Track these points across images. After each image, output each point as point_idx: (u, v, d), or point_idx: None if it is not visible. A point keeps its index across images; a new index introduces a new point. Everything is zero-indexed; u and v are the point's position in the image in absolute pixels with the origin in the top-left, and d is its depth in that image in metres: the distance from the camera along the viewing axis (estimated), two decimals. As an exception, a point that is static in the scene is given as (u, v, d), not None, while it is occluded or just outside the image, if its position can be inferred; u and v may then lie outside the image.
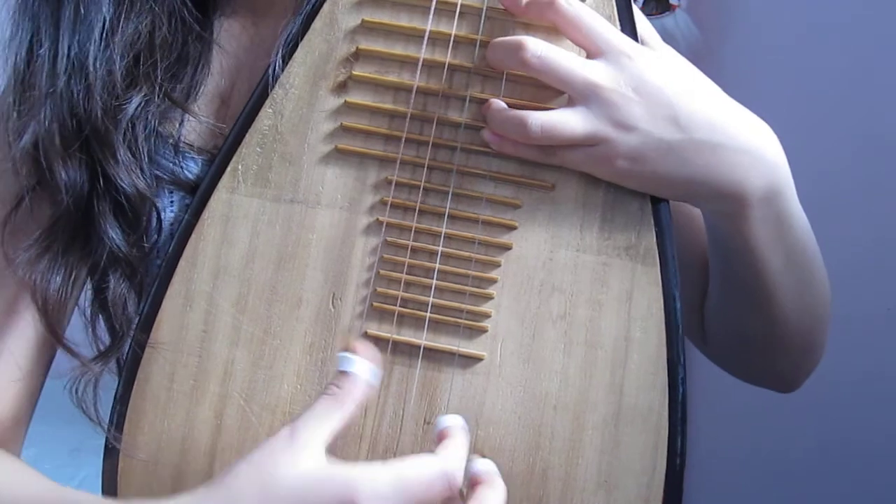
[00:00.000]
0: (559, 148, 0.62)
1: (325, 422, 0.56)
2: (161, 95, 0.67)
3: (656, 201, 0.65)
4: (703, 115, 0.62)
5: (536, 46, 0.61)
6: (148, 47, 0.67)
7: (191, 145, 0.70)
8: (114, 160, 0.65)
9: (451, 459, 0.57)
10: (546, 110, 0.62)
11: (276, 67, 0.65)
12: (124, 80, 0.66)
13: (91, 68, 0.65)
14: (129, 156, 0.66)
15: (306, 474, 0.54)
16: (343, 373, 0.58)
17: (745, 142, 0.63)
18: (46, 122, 0.64)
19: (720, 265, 0.73)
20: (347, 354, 0.58)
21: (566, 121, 0.61)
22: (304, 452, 0.55)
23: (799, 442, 1.37)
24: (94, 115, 0.65)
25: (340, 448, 0.64)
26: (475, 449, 0.64)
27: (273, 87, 0.65)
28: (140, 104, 0.67)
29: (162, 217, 0.68)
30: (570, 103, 0.62)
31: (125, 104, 0.66)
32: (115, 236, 0.65)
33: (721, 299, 0.75)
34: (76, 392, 0.65)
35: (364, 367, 0.58)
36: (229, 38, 0.72)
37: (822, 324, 0.74)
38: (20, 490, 0.62)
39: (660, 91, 0.61)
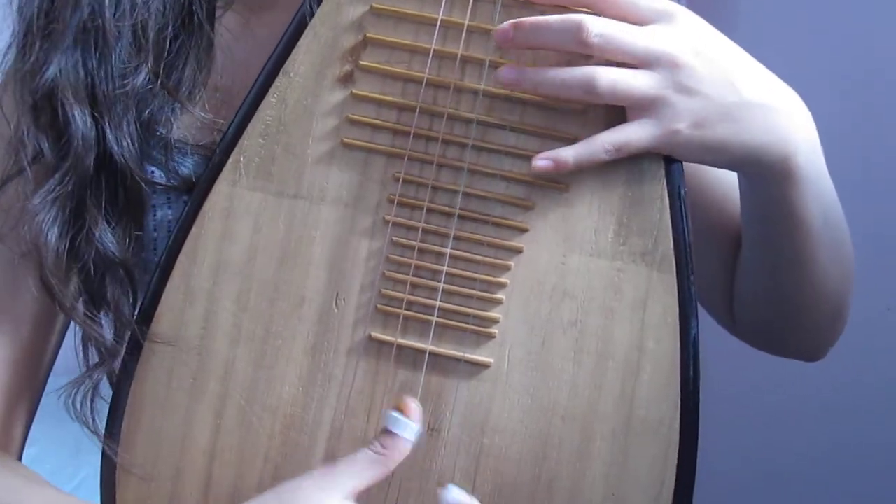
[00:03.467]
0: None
1: (362, 476, 0.58)
2: (160, 85, 0.64)
3: (674, 204, 0.62)
4: (752, 78, 0.61)
5: (595, 25, 0.58)
6: (154, 31, 0.64)
7: (186, 142, 0.67)
8: (118, 130, 0.63)
9: None
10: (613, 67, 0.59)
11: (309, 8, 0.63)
12: (133, 50, 0.64)
13: (109, 27, 0.63)
14: (129, 132, 0.64)
15: None
16: (390, 433, 0.59)
17: (786, 103, 0.63)
18: (70, 57, 0.62)
19: (762, 232, 0.70)
20: (397, 415, 0.59)
21: (635, 80, 0.59)
22: (331, 495, 0.57)
23: (805, 450, 1.37)
24: (108, 77, 0.63)
25: (343, 452, 0.63)
26: (480, 459, 0.62)
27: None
28: (145, 80, 0.64)
29: (157, 214, 0.66)
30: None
31: (134, 76, 0.64)
32: (108, 238, 0.63)
33: (758, 269, 0.73)
34: (74, 403, 0.63)
35: (412, 431, 0.59)
36: (229, 34, 0.68)
37: (850, 284, 0.74)
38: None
39: (716, 53, 0.60)
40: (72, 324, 0.68)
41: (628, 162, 0.62)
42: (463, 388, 0.62)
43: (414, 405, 0.60)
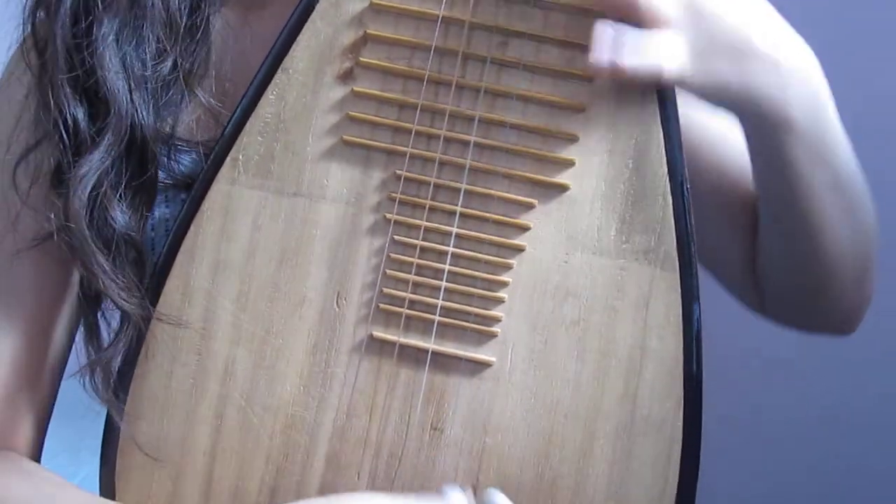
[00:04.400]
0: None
1: None
2: (180, 74, 0.64)
3: (677, 202, 0.62)
4: (767, 29, 0.61)
5: None
6: (185, 17, 0.65)
7: (184, 139, 0.66)
8: (146, 109, 0.64)
9: None
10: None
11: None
12: (164, 35, 0.64)
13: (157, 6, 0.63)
14: (156, 112, 0.64)
15: None
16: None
17: (791, 51, 0.62)
18: (116, 31, 0.63)
19: (768, 191, 0.70)
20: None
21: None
22: None
23: (807, 450, 1.37)
24: (144, 59, 0.64)
25: (344, 452, 0.62)
26: (483, 458, 0.62)
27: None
28: (171, 68, 0.64)
29: (154, 213, 0.66)
30: None
31: (163, 61, 0.64)
32: (120, 215, 0.63)
33: (773, 235, 0.73)
34: (92, 382, 0.62)
35: None
36: (228, 31, 0.67)
37: (872, 251, 0.73)
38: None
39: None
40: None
41: (630, 159, 0.61)
42: (465, 387, 0.62)
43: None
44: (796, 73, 0.62)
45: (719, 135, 0.76)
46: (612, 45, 0.57)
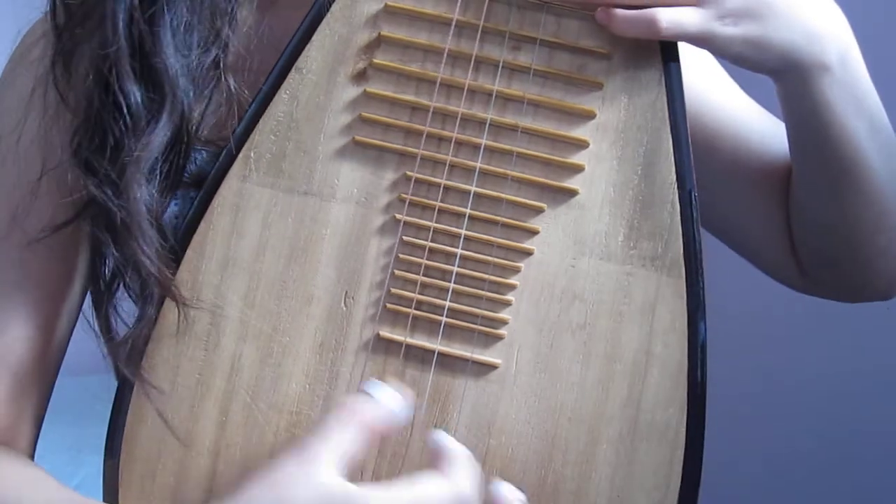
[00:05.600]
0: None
1: (332, 439, 0.55)
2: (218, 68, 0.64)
3: (685, 209, 0.62)
4: None
5: None
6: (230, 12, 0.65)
7: (198, 137, 0.67)
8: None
9: (466, 487, 0.56)
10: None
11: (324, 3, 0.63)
12: (210, 26, 0.65)
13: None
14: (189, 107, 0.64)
15: (323, 489, 0.54)
16: (363, 393, 0.58)
17: (820, 3, 0.66)
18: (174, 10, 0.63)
19: (807, 147, 0.71)
20: (374, 380, 0.58)
21: None
22: (316, 467, 0.55)
23: (810, 454, 1.37)
24: (188, 42, 0.64)
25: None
26: (486, 460, 0.62)
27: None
28: (213, 61, 0.64)
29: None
30: None
31: (206, 54, 0.64)
32: (146, 196, 0.63)
33: (813, 195, 0.73)
34: (120, 363, 0.62)
35: (385, 393, 0.57)
36: (241, 28, 0.68)
37: None
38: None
39: None
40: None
41: (640, 166, 0.62)
42: (470, 389, 0.62)
43: (397, 383, 0.60)
44: (829, 24, 0.65)
45: (737, 114, 0.77)
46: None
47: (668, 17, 0.61)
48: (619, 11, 0.61)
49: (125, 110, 0.62)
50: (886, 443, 1.33)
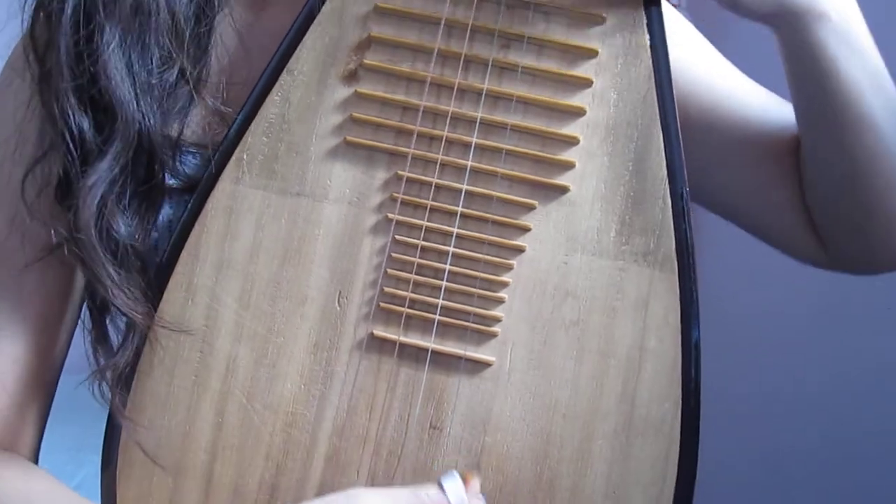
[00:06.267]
0: None
1: None
2: (187, 80, 0.64)
3: (676, 204, 0.62)
4: None
5: None
6: (191, 24, 0.65)
7: (190, 141, 0.67)
8: (153, 116, 0.64)
9: None
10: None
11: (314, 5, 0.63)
12: (171, 42, 0.65)
13: (162, 15, 0.64)
14: (164, 119, 0.64)
15: None
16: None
17: None
18: (119, 39, 0.63)
19: (810, 106, 0.71)
20: (452, 472, 0.61)
21: None
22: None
23: (805, 449, 1.37)
24: (145, 62, 0.64)
25: (344, 450, 0.63)
26: (482, 457, 0.62)
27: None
28: (177, 75, 0.65)
29: (156, 224, 0.66)
30: None
31: (169, 70, 0.64)
32: (122, 224, 0.63)
33: (823, 153, 0.72)
34: (100, 388, 0.63)
35: (457, 488, 0.60)
36: (232, 30, 0.68)
37: None
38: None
39: None
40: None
41: (630, 162, 0.62)
42: (465, 387, 0.63)
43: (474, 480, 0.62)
44: None
45: (734, 90, 0.76)
46: None
47: None
48: None
49: (74, 140, 0.63)
50: (885, 442, 1.32)
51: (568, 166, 0.62)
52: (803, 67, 0.68)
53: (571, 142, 0.62)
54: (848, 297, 0.77)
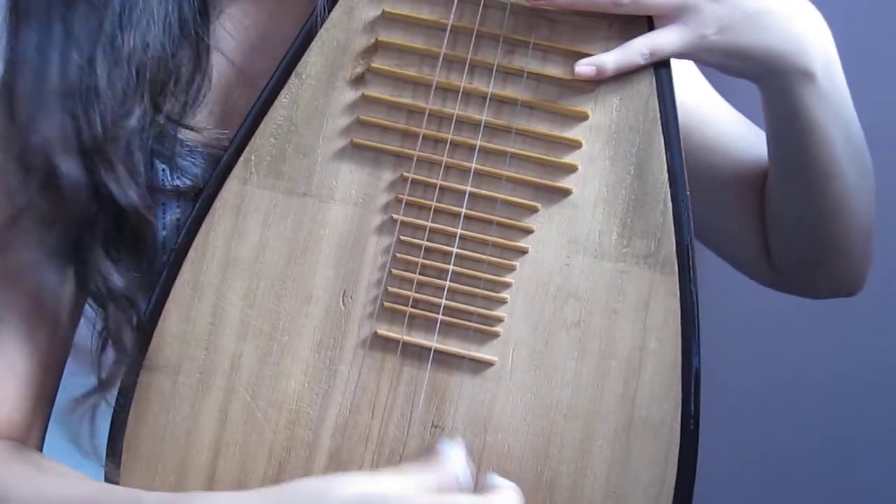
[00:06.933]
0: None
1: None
2: (157, 112, 0.65)
3: (677, 207, 0.63)
4: None
5: None
6: (150, 60, 0.65)
7: (198, 142, 0.68)
8: (113, 174, 0.64)
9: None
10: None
11: (322, 10, 0.64)
12: (125, 92, 0.64)
13: (99, 75, 0.63)
14: (127, 172, 0.64)
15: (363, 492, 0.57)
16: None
17: (806, 15, 0.67)
18: (56, 114, 0.63)
19: (786, 150, 0.73)
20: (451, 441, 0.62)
21: None
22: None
23: (805, 450, 1.36)
24: (95, 125, 0.63)
25: (347, 448, 0.63)
26: (483, 456, 0.63)
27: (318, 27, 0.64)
28: (140, 118, 0.65)
29: (166, 215, 0.67)
30: None
31: (125, 118, 0.64)
32: (111, 270, 0.64)
33: (789, 197, 0.75)
34: (72, 425, 0.64)
35: (457, 456, 0.60)
36: (231, 36, 0.69)
37: (873, 203, 0.76)
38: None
39: None
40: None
41: (632, 165, 0.63)
42: (467, 386, 0.63)
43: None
44: (812, 33, 0.66)
45: (716, 119, 0.79)
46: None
47: (644, 44, 0.62)
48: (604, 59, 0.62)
49: (23, 209, 0.64)
50: (886, 442, 1.32)
51: (571, 169, 0.63)
52: (785, 122, 0.70)
53: (574, 145, 0.63)
54: (848, 297, 0.79)
